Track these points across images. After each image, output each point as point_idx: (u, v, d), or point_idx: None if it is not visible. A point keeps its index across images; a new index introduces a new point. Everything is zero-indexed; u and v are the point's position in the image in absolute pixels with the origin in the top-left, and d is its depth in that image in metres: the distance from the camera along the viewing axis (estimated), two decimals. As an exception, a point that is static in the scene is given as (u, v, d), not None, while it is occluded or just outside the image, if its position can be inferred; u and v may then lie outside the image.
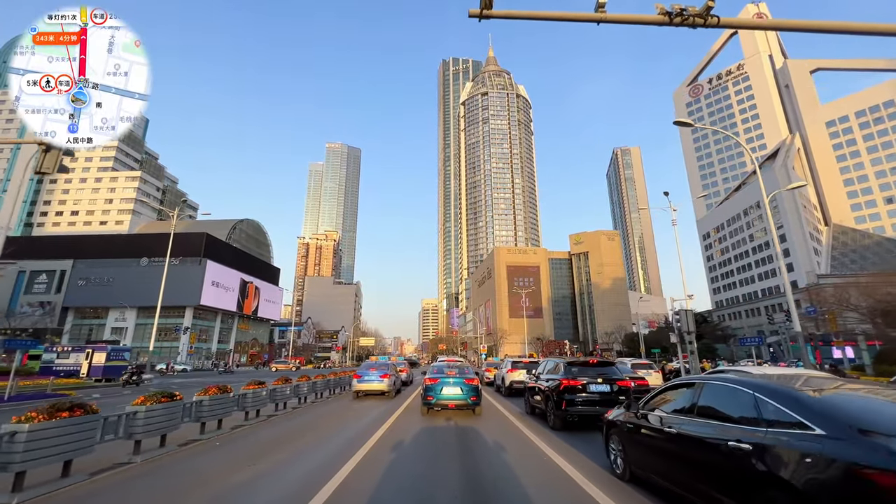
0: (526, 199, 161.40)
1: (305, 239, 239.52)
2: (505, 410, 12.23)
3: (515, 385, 15.94)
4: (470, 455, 6.76)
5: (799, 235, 73.63)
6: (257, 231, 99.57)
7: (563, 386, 8.94)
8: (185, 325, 63.02)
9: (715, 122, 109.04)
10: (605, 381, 8.99)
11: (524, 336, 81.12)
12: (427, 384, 10.89)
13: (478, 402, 10.80)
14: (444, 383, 10.74)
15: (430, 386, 10.80)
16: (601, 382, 8.98)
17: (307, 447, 7.59)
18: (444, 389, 10.66)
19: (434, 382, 10.83)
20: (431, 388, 10.74)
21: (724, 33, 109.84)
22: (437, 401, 10.65)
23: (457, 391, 10.61)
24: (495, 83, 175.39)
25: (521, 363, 16.68)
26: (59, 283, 67.75)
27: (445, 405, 10.67)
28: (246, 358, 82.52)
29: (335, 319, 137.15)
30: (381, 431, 8.61)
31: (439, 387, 10.72)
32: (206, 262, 67.87)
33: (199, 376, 38.03)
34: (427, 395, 10.75)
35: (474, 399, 10.66)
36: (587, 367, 9.58)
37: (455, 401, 10.58)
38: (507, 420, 10.45)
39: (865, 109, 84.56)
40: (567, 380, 9.00)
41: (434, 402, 10.66)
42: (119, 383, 22.15)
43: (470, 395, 10.60)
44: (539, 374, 11.04)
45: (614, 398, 8.65)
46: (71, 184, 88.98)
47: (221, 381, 14.91)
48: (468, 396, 10.58)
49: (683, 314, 15.99)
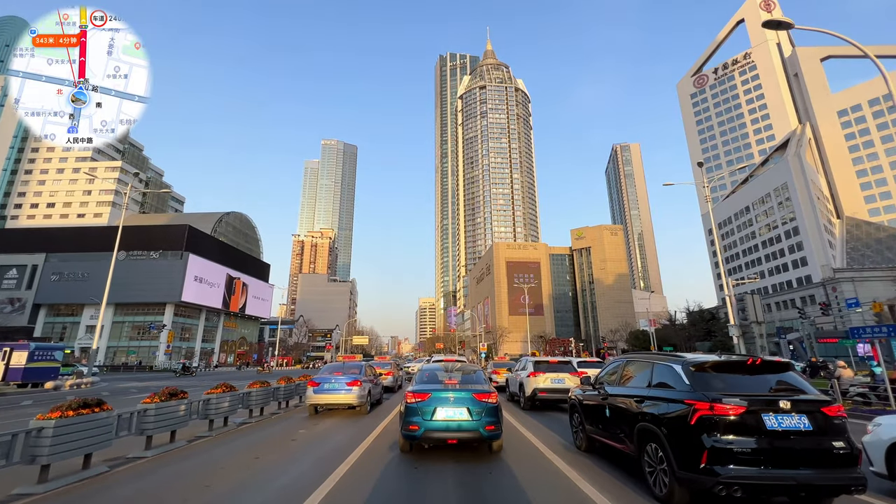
0: (525, 194, 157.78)
1: (300, 236, 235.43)
2: (538, 442, 7.76)
3: (541, 395, 11.97)
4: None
5: (814, 228, 70.28)
6: (245, 225, 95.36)
7: (700, 417, 4.32)
8: (164, 322, 58.96)
9: (721, 113, 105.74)
10: (797, 409, 4.27)
11: (524, 334, 77.52)
12: (409, 403, 6.55)
13: (497, 432, 6.50)
14: (438, 400, 6.46)
15: (414, 406, 6.48)
16: (788, 410, 4.26)
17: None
18: (440, 411, 6.39)
19: (421, 400, 6.48)
20: (417, 410, 6.43)
21: (731, 21, 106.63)
22: (425, 432, 6.29)
23: (461, 414, 6.37)
24: (493, 76, 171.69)
25: (545, 363, 12.51)
26: (30, 278, 63.52)
27: (441, 439, 6.37)
28: (233, 357, 78.56)
29: (329, 318, 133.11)
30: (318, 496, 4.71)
31: (430, 407, 6.41)
32: (189, 255, 63.75)
33: (136, 379, 33.39)
34: (409, 423, 6.38)
35: (491, 428, 6.36)
36: (743, 371, 4.84)
37: (459, 432, 6.31)
38: (551, 468, 6.08)
39: (879, 98, 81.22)
40: (707, 403, 4.33)
41: (421, 434, 6.30)
42: (48, 388, 18.23)
43: (484, 422, 6.34)
44: (601, 381, 6.79)
45: (823, 446, 4.17)
46: (47, 174, 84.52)
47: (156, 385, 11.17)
48: (481, 424, 6.32)
49: (749, 300, 12.29)
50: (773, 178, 79.21)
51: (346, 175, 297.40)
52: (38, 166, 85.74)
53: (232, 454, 6.92)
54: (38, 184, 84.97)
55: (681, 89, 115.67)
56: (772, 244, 79.32)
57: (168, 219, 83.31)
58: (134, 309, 63.76)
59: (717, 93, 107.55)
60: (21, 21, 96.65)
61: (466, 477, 5.59)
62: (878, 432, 5.41)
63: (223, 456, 6.78)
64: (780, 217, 77.03)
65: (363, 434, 8.38)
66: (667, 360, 5.33)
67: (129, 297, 62.05)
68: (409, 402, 6.54)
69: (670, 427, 4.58)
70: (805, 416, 4.24)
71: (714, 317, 77.99)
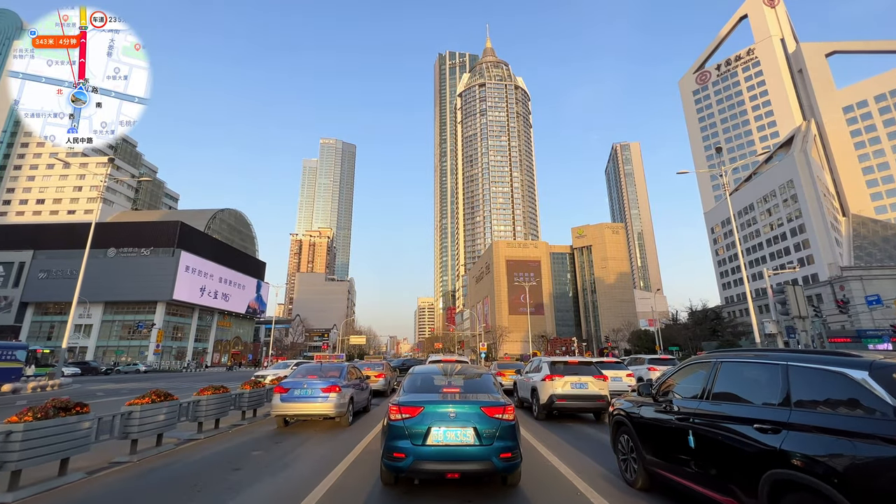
0: (525, 193, 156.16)
1: (298, 236, 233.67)
2: (570, 472, 5.62)
3: (559, 402, 9.84)
4: None
5: (820, 225, 68.86)
6: (240, 222, 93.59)
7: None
8: (153, 321, 57.31)
9: (724, 110, 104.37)
10: None
11: (525, 334, 75.96)
12: (393, 420, 4.66)
13: (516, 461, 4.58)
14: (433, 416, 4.57)
15: (399, 425, 4.60)
16: None
17: None
18: (436, 432, 4.50)
19: (411, 416, 4.60)
20: (404, 431, 4.55)
21: (734, 16, 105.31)
22: (414, 462, 4.40)
23: (465, 436, 4.49)
24: (493, 74, 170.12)
25: (563, 364, 10.43)
26: (17, 275, 61.80)
27: (438, 472, 4.48)
28: (228, 357, 76.86)
29: (327, 317, 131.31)
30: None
31: (422, 426, 4.53)
32: (181, 253, 62.07)
33: (113, 381, 31.78)
34: (393, 449, 4.50)
35: (507, 456, 4.47)
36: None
37: (462, 463, 4.43)
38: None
39: (886, 93, 79.96)
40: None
41: (408, 465, 4.40)
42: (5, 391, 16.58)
43: (498, 448, 4.46)
44: (669, 390, 4.75)
45: None
46: (37, 170, 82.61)
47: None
48: (493, 450, 4.44)
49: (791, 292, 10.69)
50: (777, 174, 77.81)
51: (345, 174, 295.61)
52: (27, 162, 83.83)
53: (133, 493, 4.92)
54: (27, 179, 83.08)
55: (683, 86, 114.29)
56: (777, 242, 77.95)
57: (161, 216, 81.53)
58: (124, 307, 62.02)
59: (720, 89, 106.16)
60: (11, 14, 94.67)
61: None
62: None
63: (111, 496, 4.82)
64: (786, 214, 75.65)
65: (337, 456, 6.48)
66: (826, 364, 3.13)
67: (120, 295, 60.40)
68: (394, 420, 4.62)
69: (860, 485, 2.58)
70: None
71: (718, 316, 76.63)
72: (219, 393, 8.15)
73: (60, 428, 5.01)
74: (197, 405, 7.64)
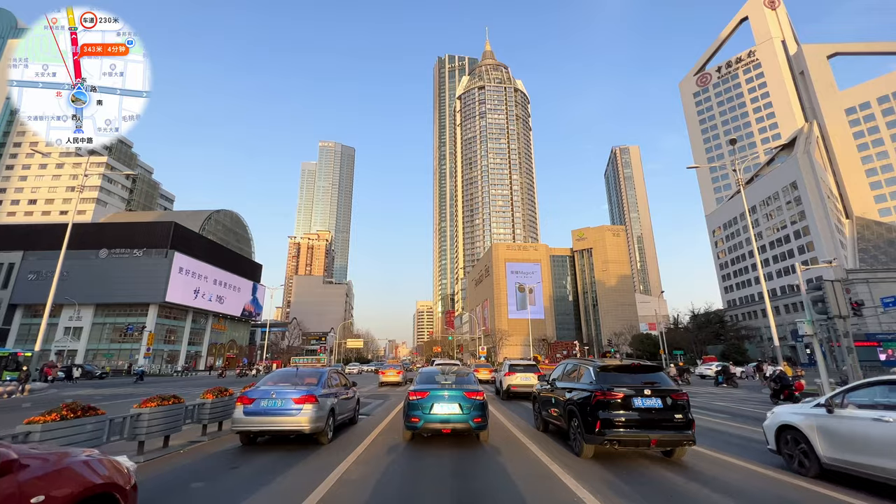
0: (524, 195, 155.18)
1: (297, 238, 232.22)
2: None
3: (514, 389, 16.17)
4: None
5: (825, 227, 67.93)
6: (236, 223, 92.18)
7: (597, 400, 6.43)
8: (144, 324, 55.89)
9: (724, 111, 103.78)
10: (656, 394, 6.40)
11: (526, 337, 74.59)
12: (411, 399, 7.83)
13: (484, 424, 7.72)
14: (435, 398, 7.73)
15: (415, 402, 7.79)
16: (650, 395, 6.37)
17: None
18: (436, 406, 7.68)
19: (421, 397, 7.80)
20: (418, 405, 7.74)
21: (734, 18, 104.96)
22: (424, 424, 7.61)
23: (453, 409, 7.67)
24: (492, 77, 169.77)
25: (519, 366, 17.04)
26: (6, 277, 60.31)
27: (437, 430, 7.70)
28: (222, 361, 75.28)
29: (325, 320, 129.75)
30: None
31: (428, 403, 7.71)
32: (174, 254, 60.63)
33: (93, 386, 30.50)
34: (411, 416, 7.71)
35: (479, 420, 7.62)
36: (626, 372, 6.95)
37: (451, 423, 7.61)
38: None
39: (889, 95, 79.35)
40: (602, 392, 6.45)
41: (420, 425, 7.63)
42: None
43: (473, 415, 7.61)
44: (554, 380, 8.75)
45: (668, 417, 6.25)
46: (29, 170, 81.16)
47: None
48: (470, 416, 7.59)
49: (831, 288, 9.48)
50: (780, 176, 77.00)
51: (344, 177, 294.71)
52: (19, 161, 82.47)
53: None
54: (19, 179, 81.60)
55: (683, 88, 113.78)
56: (780, 245, 77.00)
57: (155, 216, 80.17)
58: (116, 310, 60.52)
59: (721, 91, 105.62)
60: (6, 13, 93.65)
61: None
62: (771, 418, 6.54)
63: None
64: (789, 217, 74.74)
65: (302, 493, 4.76)
66: (570, 361, 8.92)
67: (111, 297, 58.97)
68: (412, 399, 7.80)
69: (578, 406, 6.83)
70: (659, 398, 6.39)
71: (722, 320, 75.46)
72: (167, 404, 6.68)
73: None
74: (136, 420, 6.18)
